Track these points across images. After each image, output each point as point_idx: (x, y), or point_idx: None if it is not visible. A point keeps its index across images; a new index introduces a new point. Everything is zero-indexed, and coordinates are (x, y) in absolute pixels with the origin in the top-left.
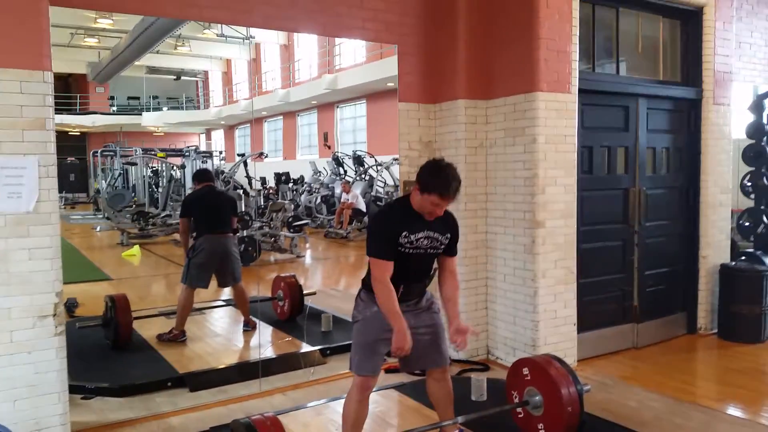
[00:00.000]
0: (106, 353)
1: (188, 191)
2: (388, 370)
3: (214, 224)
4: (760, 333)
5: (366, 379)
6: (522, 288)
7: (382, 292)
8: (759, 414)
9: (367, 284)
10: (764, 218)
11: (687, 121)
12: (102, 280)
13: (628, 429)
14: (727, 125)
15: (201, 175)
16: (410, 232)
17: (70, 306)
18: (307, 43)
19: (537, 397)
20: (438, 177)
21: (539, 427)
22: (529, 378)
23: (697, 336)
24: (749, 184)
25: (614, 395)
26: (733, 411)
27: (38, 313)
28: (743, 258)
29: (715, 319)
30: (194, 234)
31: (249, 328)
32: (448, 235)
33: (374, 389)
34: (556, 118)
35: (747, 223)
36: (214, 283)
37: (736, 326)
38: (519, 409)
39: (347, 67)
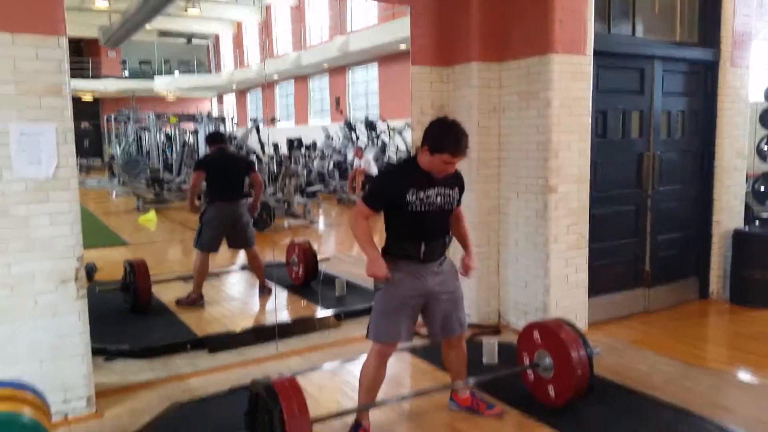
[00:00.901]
0: (126, 317)
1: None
2: None
3: (226, 191)
4: None
5: (385, 345)
6: (534, 253)
7: (358, 225)
8: None
9: (387, 251)
10: None
11: (704, 83)
12: (119, 245)
13: (638, 392)
14: (745, 88)
15: (213, 137)
16: (418, 189)
17: (89, 271)
18: (318, 5)
19: (547, 360)
20: (447, 136)
21: (549, 389)
22: (539, 341)
23: (708, 301)
24: (766, 148)
25: (624, 359)
26: (743, 375)
27: (60, 278)
28: (757, 223)
29: (727, 285)
30: (207, 199)
31: (265, 292)
32: (457, 189)
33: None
34: (570, 80)
35: (762, 188)
36: (229, 252)
37: (748, 291)
38: (529, 372)
39: (359, 29)
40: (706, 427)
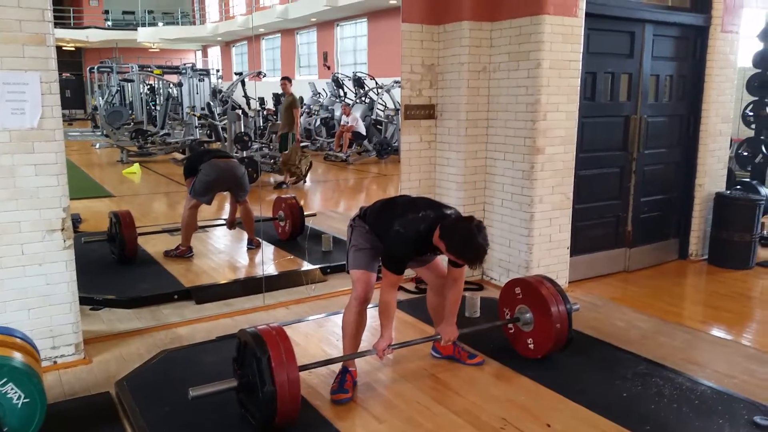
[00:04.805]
0: (113, 267)
1: (185, 110)
2: None
3: (219, 153)
4: (749, 260)
5: (363, 274)
6: (518, 213)
7: (388, 301)
8: (740, 335)
9: (364, 219)
10: (763, 148)
11: (693, 48)
12: (104, 197)
13: (615, 346)
14: (734, 54)
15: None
16: (423, 253)
17: (74, 221)
18: None
19: (527, 315)
20: (469, 250)
21: (528, 342)
22: (520, 297)
23: (687, 261)
24: (751, 113)
25: (603, 315)
26: (717, 332)
27: (47, 228)
28: (738, 187)
29: (706, 246)
30: (200, 167)
31: (253, 246)
32: None
33: (373, 305)
34: (561, 42)
35: (746, 153)
36: (216, 204)
37: (726, 253)
38: (510, 325)
39: None
40: (678, 380)
